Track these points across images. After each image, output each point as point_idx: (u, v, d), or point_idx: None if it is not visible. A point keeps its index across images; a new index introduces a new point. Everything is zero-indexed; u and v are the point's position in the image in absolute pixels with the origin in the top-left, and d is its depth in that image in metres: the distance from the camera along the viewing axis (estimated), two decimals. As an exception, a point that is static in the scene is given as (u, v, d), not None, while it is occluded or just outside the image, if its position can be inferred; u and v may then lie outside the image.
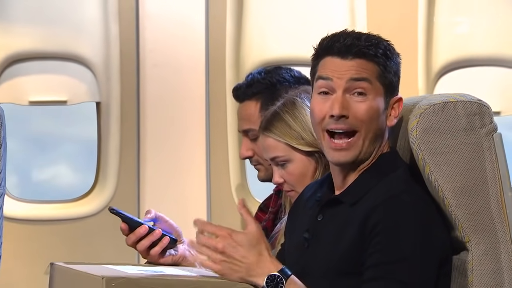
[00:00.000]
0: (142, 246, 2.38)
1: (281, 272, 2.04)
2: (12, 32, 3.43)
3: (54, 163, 3.57)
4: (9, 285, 3.32)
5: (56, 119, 3.54)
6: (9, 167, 3.57)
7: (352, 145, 2.13)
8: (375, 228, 2.06)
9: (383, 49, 2.15)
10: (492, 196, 2.17)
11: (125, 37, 3.44)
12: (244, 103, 2.91)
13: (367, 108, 2.13)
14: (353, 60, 2.13)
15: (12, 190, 3.55)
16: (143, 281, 1.97)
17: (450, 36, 3.58)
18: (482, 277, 2.15)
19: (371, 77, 2.14)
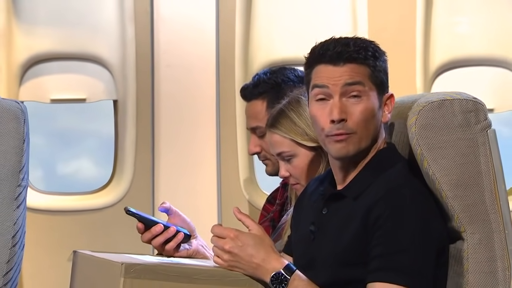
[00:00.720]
0: (157, 242, 2.39)
1: (285, 269, 2.05)
2: (34, 34, 3.44)
3: (77, 158, 3.59)
4: (33, 272, 3.34)
5: (79, 116, 3.55)
6: (35, 161, 3.60)
7: (350, 140, 2.14)
8: (377, 222, 2.06)
9: (371, 51, 2.16)
10: (486, 188, 2.18)
11: (140, 39, 3.44)
12: (251, 102, 2.91)
13: (363, 110, 2.13)
14: (345, 66, 2.13)
15: (38, 183, 3.57)
16: (160, 268, 1.98)
17: (447, 38, 3.58)
18: (477, 265, 2.16)
19: (363, 80, 2.14)
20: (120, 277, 1.92)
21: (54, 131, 3.71)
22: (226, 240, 2.07)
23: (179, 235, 2.40)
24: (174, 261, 2.07)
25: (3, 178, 2.34)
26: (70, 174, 3.72)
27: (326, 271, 2.09)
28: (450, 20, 3.58)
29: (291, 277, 2.05)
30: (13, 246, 2.34)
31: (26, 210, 2.43)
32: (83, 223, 3.43)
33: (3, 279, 2.33)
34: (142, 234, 2.41)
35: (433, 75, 3.57)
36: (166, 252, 2.41)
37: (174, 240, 2.39)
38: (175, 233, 2.39)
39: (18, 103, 2.41)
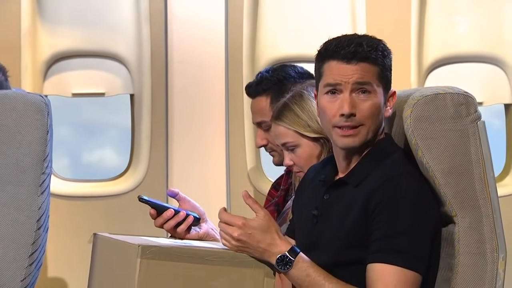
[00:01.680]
0: (169, 226, 2.40)
1: (290, 251, 2.06)
2: (57, 33, 3.45)
3: (101, 147, 3.60)
4: (56, 253, 3.35)
5: (102, 109, 3.56)
6: (62, 151, 3.61)
7: (358, 133, 2.14)
8: (377, 207, 2.06)
9: (381, 51, 2.16)
10: (476, 176, 2.18)
11: (155, 37, 3.44)
12: (256, 99, 2.91)
13: (370, 105, 2.13)
14: (358, 65, 2.13)
15: (64, 171, 3.59)
16: (173, 249, 1.98)
17: (439, 37, 3.58)
18: (467, 246, 2.16)
19: (372, 79, 2.14)
20: (137, 258, 1.92)
21: (79, 123, 3.73)
22: (234, 228, 2.07)
23: (189, 219, 2.40)
24: (186, 244, 2.07)
25: (29, 166, 2.34)
26: (94, 162, 3.73)
27: (329, 253, 2.09)
28: (443, 20, 3.58)
29: (295, 259, 2.05)
30: (38, 229, 2.35)
31: (50, 196, 2.44)
32: (102, 208, 3.44)
33: (29, 259, 2.33)
34: (155, 220, 2.41)
35: (427, 71, 3.57)
36: (178, 234, 2.42)
37: (185, 223, 2.40)
38: (185, 217, 2.40)
39: (42, 97, 2.41)
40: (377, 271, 2.03)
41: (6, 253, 2.31)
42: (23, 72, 3.37)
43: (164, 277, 1.94)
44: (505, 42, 3.58)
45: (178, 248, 1.99)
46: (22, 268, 2.32)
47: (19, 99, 2.36)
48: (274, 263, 2.04)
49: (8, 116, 2.34)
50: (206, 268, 1.96)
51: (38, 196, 2.35)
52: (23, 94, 2.41)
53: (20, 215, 2.33)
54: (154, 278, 1.93)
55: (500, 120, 3.60)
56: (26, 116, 2.35)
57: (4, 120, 2.33)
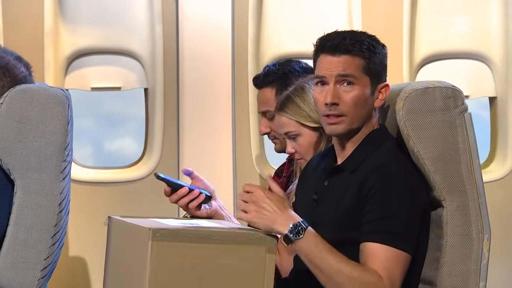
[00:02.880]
0: (183, 203, 2.39)
1: (302, 223, 2.02)
2: (77, 32, 3.44)
3: (121, 137, 3.61)
4: (76, 234, 3.36)
5: (123, 101, 3.57)
6: (86, 140, 3.62)
7: (342, 121, 2.14)
8: (370, 191, 2.06)
9: (367, 45, 2.14)
10: (463, 163, 2.17)
11: (167, 36, 3.44)
12: (262, 90, 2.90)
13: (353, 96, 2.13)
14: (341, 57, 2.12)
15: (87, 159, 3.60)
16: (182, 231, 1.97)
17: (429, 35, 3.57)
18: (454, 228, 2.16)
19: (356, 71, 2.12)
20: (148, 240, 1.92)
21: (101, 114, 3.72)
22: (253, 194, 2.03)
23: (200, 196, 2.40)
24: (194, 225, 2.06)
25: (51, 155, 2.34)
26: (115, 151, 3.73)
27: (327, 233, 2.08)
28: (432, 19, 3.57)
29: (307, 229, 2.02)
30: (59, 212, 2.35)
31: (71, 182, 2.43)
32: (119, 193, 3.44)
33: (52, 239, 2.34)
34: (169, 196, 2.41)
35: (418, 66, 3.56)
36: (190, 210, 2.41)
37: (196, 200, 2.39)
38: (198, 195, 2.39)
39: (63, 91, 2.41)
40: (369, 250, 2.03)
41: (31, 234, 2.32)
42: (46, 68, 3.36)
43: (174, 257, 1.94)
44: (490, 40, 3.57)
45: (186, 229, 1.99)
46: (46, 248, 2.33)
47: (42, 92, 2.36)
48: (286, 232, 2.00)
49: (32, 108, 2.34)
50: (213, 247, 1.96)
51: (60, 182, 2.35)
52: (46, 88, 2.41)
53: (43, 200, 2.33)
54: (165, 258, 1.93)
55: (487, 112, 3.60)
56: (49, 108, 2.35)
57: (29, 112, 2.33)
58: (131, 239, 2.03)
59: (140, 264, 1.94)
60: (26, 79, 2.45)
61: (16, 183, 2.33)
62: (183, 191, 2.39)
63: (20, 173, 2.32)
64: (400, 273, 2.03)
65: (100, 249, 2.24)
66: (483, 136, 3.56)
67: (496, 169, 3.55)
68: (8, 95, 2.34)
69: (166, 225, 2.00)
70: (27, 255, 2.30)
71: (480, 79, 3.59)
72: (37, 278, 2.31)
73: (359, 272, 1.99)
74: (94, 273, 3.39)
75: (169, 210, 3.36)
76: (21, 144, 2.32)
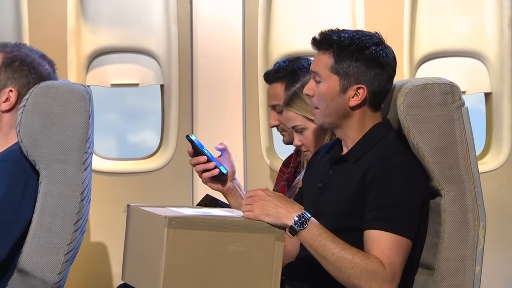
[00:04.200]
0: (198, 169, 2.36)
1: (304, 214, 2.01)
2: (98, 32, 3.44)
3: (143, 130, 3.61)
4: (97, 221, 3.36)
5: (144, 96, 3.57)
6: (110, 133, 3.64)
7: (316, 113, 2.17)
8: (373, 181, 2.05)
9: (338, 44, 2.10)
10: (460, 155, 2.16)
11: (182, 35, 3.43)
12: (273, 85, 2.90)
13: (319, 91, 2.14)
14: (318, 53, 2.13)
15: (112, 150, 3.61)
16: (196, 219, 1.97)
17: (428, 34, 3.56)
18: (452, 216, 2.15)
19: (321, 68, 2.13)
20: (164, 228, 1.92)
21: (125, 109, 3.72)
22: (255, 198, 2.03)
23: (215, 171, 2.36)
24: (207, 213, 2.06)
25: (73, 147, 2.34)
26: (137, 143, 3.74)
27: (330, 220, 2.08)
28: (431, 20, 3.56)
29: (310, 219, 2.01)
30: (81, 200, 2.35)
31: (92, 172, 2.43)
32: (136, 183, 3.44)
33: (74, 226, 2.34)
34: (191, 158, 2.38)
35: (417, 64, 3.55)
36: (203, 179, 2.38)
37: (210, 173, 2.36)
38: (213, 168, 2.36)
39: (85, 87, 2.41)
40: (372, 237, 2.02)
41: (55, 221, 2.32)
42: (69, 66, 3.36)
43: (188, 243, 1.94)
44: (485, 39, 3.56)
45: (200, 218, 1.98)
46: (69, 234, 2.33)
47: (65, 88, 2.36)
48: (291, 224, 1.99)
49: (55, 103, 2.34)
50: (224, 234, 1.96)
51: (82, 172, 2.35)
52: (68, 84, 2.40)
53: (66, 189, 2.33)
54: (180, 244, 1.93)
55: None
56: (71, 103, 2.34)
57: (53, 107, 2.33)
58: (149, 226, 2.03)
59: (157, 249, 1.94)
60: (50, 76, 2.45)
61: (41, 173, 2.33)
62: (201, 159, 2.36)
63: (44, 164, 2.33)
64: (401, 259, 2.02)
65: (119, 235, 2.24)
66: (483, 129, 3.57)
67: (491, 161, 3.54)
68: (33, 91, 2.34)
69: (181, 214, 2.00)
70: (51, 241, 2.31)
71: (476, 76, 3.57)
72: (61, 262, 2.31)
73: (361, 259, 1.98)
74: (114, 258, 3.40)
75: (184, 199, 3.37)
76: (45, 137, 2.32)
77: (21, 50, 2.45)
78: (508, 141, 3.52)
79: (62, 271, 2.31)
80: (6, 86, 2.40)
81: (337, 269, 1.99)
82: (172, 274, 1.93)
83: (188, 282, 1.94)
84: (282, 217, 1.99)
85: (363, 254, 2.00)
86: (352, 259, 1.98)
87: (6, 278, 2.30)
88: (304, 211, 2.01)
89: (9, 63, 2.41)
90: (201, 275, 1.95)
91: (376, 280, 1.98)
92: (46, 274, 2.30)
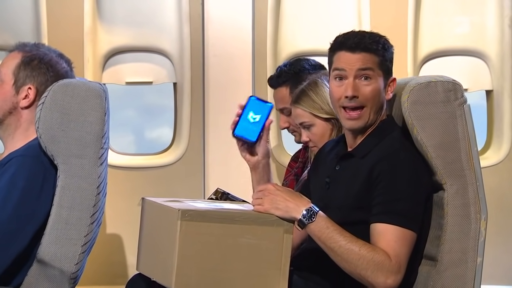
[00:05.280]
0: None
1: (312, 207, 2.01)
2: (113, 32, 3.44)
3: (159, 126, 3.61)
4: (112, 214, 3.37)
5: (160, 94, 3.57)
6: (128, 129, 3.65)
7: (361, 116, 2.13)
8: (379, 176, 2.05)
9: (382, 44, 2.13)
10: (462, 150, 2.16)
11: (194, 35, 3.43)
12: (277, 89, 2.90)
13: (371, 90, 2.12)
14: (360, 54, 2.11)
15: (130, 146, 3.63)
16: (208, 212, 1.97)
17: (431, 34, 3.55)
18: (454, 209, 2.14)
19: (373, 66, 2.11)
20: (177, 220, 1.92)
21: (142, 106, 3.72)
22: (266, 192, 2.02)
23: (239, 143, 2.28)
24: (218, 207, 2.06)
25: (90, 142, 2.34)
26: (154, 139, 3.74)
27: (338, 213, 2.07)
28: (434, 20, 3.55)
29: (318, 213, 2.01)
30: (97, 194, 2.35)
31: (107, 167, 2.43)
32: (150, 177, 3.44)
33: (91, 218, 2.34)
34: None
35: (421, 62, 3.54)
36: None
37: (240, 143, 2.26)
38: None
39: (101, 85, 2.41)
40: (379, 230, 2.02)
41: (72, 214, 2.32)
42: (85, 64, 3.37)
43: (200, 235, 1.94)
44: (486, 38, 3.55)
45: (211, 211, 1.98)
46: (85, 226, 2.33)
47: (82, 86, 2.36)
48: (299, 217, 1.98)
49: (73, 101, 2.34)
50: (235, 227, 1.95)
51: (98, 166, 2.35)
52: (85, 82, 2.41)
53: (83, 183, 2.33)
54: (192, 236, 1.93)
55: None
56: (88, 100, 2.35)
57: (70, 104, 2.34)
58: (162, 219, 2.03)
59: (170, 240, 1.94)
60: (67, 74, 2.46)
61: (59, 168, 2.34)
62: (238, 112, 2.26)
63: (62, 159, 2.33)
64: (406, 251, 2.02)
65: (134, 227, 2.24)
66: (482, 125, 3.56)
67: (492, 156, 3.53)
68: (51, 89, 2.34)
69: (193, 207, 1.99)
70: (69, 233, 2.31)
71: (477, 74, 3.57)
72: (78, 253, 2.32)
73: (368, 251, 1.98)
74: (129, 249, 3.40)
75: (196, 192, 3.37)
76: (63, 133, 2.33)
77: (40, 49, 2.45)
78: (508, 137, 3.52)
79: (79, 261, 2.32)
80: (25, 84, 2.40)
81: (345, 261, 1.98)
82: (185, 264, 1.93)
83: (200, 272, 1.94)
84: (291, 211, 1.99)
85: (370, 246, 2.00)
86: (359, 251, 1.97)
87: (26, 267, 2.31)
88: (312, 205, 2.00)
89: (28, 61, 2.41)
90: (213, 265, 1.95)
91: (382, 271, 1.98)
92: (64, 264, 2.30)
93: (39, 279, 2.30)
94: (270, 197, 2.00)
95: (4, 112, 2.40)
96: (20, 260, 2.29)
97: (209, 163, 2.44)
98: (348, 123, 2.13)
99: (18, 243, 2.26)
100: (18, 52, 2.44)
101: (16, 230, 2.26)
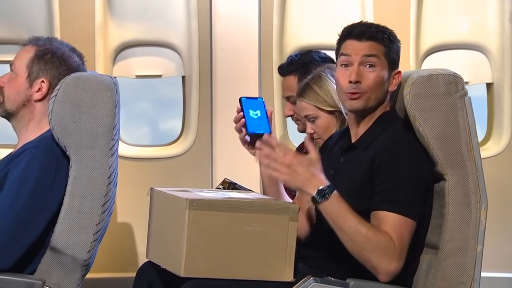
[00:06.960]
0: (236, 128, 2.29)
1: (328, 187, 2.00)
2: (124, 26, 3.44)
3: (173, 118, 3.60)
4: (123, 203, 3.37)
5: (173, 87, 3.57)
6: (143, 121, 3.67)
7: (361, 97, 2.12)
8: (380, 165, 2.05)
9: (387, 35, 2.14)
10: (463, 141, 2.15)
11: (202, 29, 3.43)
12: (286, 77, 2.89)
13: (374, 76, 2.12)
14: (366, 42, 2.11)
15: (145, 137, 3.63)
16: (215, 201, 1.98)
17: (433, 28, 3.54)
18: (455, 199, 2.14)
19: (378, 54, 2.12)
20: (186, 209, 1.92)
21: (157, 98, 3.71)
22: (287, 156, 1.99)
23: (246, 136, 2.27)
24: (225, 196, 2.07)
25: (101, 134, 2.35)
26: (168, 130, 3.73)
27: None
28: (436, 15, 3.54)
29: (332, 193, 1.99)
30: (108, 184, 2.36)
31: (118, 158, 2.44)
32: (159, 168, 3.44)
33: (102, 208, 2.35)
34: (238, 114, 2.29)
35: (423, 56, 3.54)
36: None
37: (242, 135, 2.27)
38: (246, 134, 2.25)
39: (111, 78, 2.41)
40: (380, 217, 2.03)
41: (84, 203, 2.33)
42: (97, 58, 3.37)
43: (208, 224, 1.94)
44: (487, 32, 3.54)
45: (218, 200, 1.99)
46: (97, 215, 2.34)
47: (93, 79, 2.36)
48: (313, 193, 1.98)
49: (85, 94, 2.34)
50: (242, 215, 1.96)
51: (109, 157, 2.36)
52: (96, 76, 2.41)
53: (95, 173, 2.34)
54: (200, 224, 1.93)
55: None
56: (99, 93, 2.35)
57: (82, 97, 2.34)
58: (171, 208, 2.03)
59: (179, 229, 1.95)
60: (79, 68, 2.46)
61: (71, 158, 2.34)
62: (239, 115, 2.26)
63: (74, 150, 2.33)
64: (406, 239, 2.02)
65: (144, 216, 2.24)
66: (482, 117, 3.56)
67: (492, 147, 3.53)
68: (64, 82, 2.35)
69: (201, 196, 2.00)
70: (81, 221, 2.32)
71: (478, 67, 3.56)
72: (90, 241, 2.32)
73: (375, 233, 1.99)
74: (139, 237, 3.41)
75: (204, 182, 3.37)
76: (75, 125, 2.33)
77: (53, 43, 2.46)
78: (508, 129, 3.51)
79: (91, 249, 2.33)
80: (39, 77, 2.41)
81: (352, 241, 1.98)
82: (193, 252, 1.93)
83: (208, 260, 1.95)
84: (306, 186, 1.98)
85: (377, 229, 2.00)
86: (366, 233, 1.98)
87: (40, 255, 2.32)
88: (329, 184, 2.00)
89: (41, 55, 2.42)
90: (220, 253, 1.96)
91: (386, 256, 1.98)
92: (76, 252, 2.31)
93: (52, 266, 2.30)
94: (291, 168, 1.98)
95: (17, 105, 2.41)
96: (34, 248, 2.29)
97: (216, 154, 2.44)
98: (349, 103, 2.13)
99: (32, 232, 2.27)
100: (31, 46, 2.44)
101: (29, 220, 2.26)
